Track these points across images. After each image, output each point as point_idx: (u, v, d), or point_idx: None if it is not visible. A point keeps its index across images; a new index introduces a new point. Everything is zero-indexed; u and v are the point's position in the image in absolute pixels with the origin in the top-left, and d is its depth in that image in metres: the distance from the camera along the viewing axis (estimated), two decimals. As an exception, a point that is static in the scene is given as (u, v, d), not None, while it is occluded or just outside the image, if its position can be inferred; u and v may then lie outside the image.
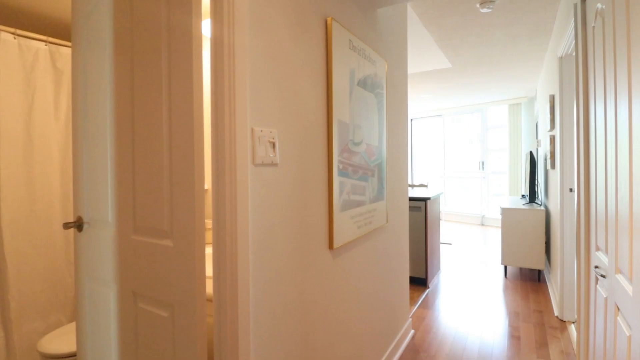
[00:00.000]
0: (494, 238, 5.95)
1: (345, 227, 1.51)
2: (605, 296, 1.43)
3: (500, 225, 7.15)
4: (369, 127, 1.76)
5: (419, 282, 3.54)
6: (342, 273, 1.51)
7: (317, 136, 1.32)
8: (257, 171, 1.03)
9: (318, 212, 1.33)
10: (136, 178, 1.11)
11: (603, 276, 1.43)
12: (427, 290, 3.37)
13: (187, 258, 0.98)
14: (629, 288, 1.12)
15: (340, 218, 1.46)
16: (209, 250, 1.81)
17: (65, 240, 2.01)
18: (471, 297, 3.24)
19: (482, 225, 7.35)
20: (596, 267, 1.56)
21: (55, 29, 2.16)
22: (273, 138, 1.09)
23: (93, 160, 1.27)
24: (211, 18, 0.97)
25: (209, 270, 1.48)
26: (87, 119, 1.31)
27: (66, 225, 1.24)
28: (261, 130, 1.04)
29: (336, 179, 1.42)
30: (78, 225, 1.30)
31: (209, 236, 1.97)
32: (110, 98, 1.21)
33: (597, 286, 1.57)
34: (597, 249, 1.60)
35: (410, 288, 3.42)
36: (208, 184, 2.01)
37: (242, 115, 0.97)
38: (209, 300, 1.20)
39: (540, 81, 4.77)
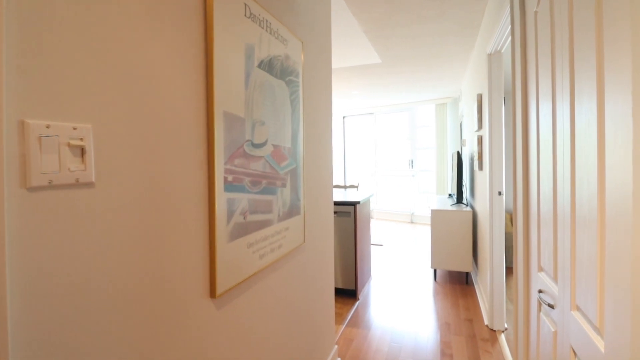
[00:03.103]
0: (423, 236, 5.98)
1: (239, 261, 1.09)
2: (553, 330, 1.20)
3: (428, 222, 7.29)
4: (277, 124, 1.36)
5: (349, 293, 3.26)
6: (233, 326, 1.09)
7: (184, 136, 0.88)
8: (38, 199, 0.56)
9: (188, 250, 0.90)
10: None
11: (551, 306, 1.20)
12: (357, 303, 3.09)
13: None
14: (597, 339, 0.87)
15: (230, 250, 1.04)
16: None
17: None
18: (402, 307, 3.03)
19: (412, 222, 7.44)
20: (540, 291, 1.35)
21: None
22: (82, 139, 0.63)
23: None
24: None
25: None
26: None
27: None
28: (48, 126, 0.58)
29: (221, 196, 1.00)
30: None
31: None
32: None
33: (542, 314, 1.36)
34: (540, 269, 1.39)
35: (339, 302, 3.12)
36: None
37: (-14, 94, 0.50)
38: None
39: (465, 81, 4.81)
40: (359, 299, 3.16)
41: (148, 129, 0.77)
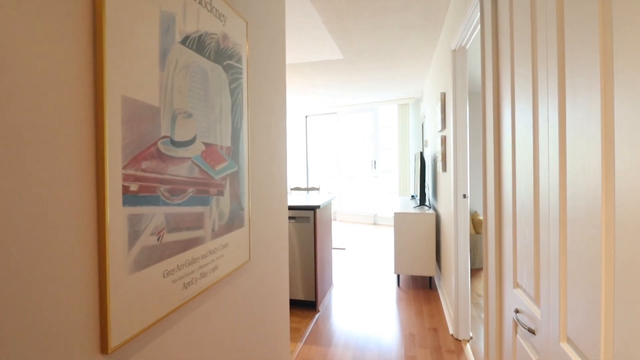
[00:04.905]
0: (387, 238, 5.89)
1: (150, 296, 0.82)
2: (535, 359, 1.04)
3: (391, 223, 7.24)
4: (211, 118, 1.09)
5: (308, 305, 3.03)
6: (144, 382, 0.82)
7: (50, 129, 0.61)
8: None
9: (62, 290, 0.62)
10: None
11: (531, 331, 1.04)
12: (317, 315, 2.87)
13: None
14: (601, 389, 0.70)
15: (134, 284, 0.77)
16: None
17: None
18: (365, 317, 2.85)
19: (375, 224, 7.36)
20: (517, 311, 1.19)
21: None
22: None
23: None
24: None
25: None
26: None
27: None
28: None
29: (118, 212, 0.73)
30: None
31: None
32: None
33: (518, 337, 1.20)
34: (516, 285, 1.23)
35: (298, 315, 2.88)
36: None
37: None
38: None
39: (427, 81, 4.75)
40: (319, 311, 2.94)
41: (-31, 115, 0.49)
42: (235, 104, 1.26)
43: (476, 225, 4.30)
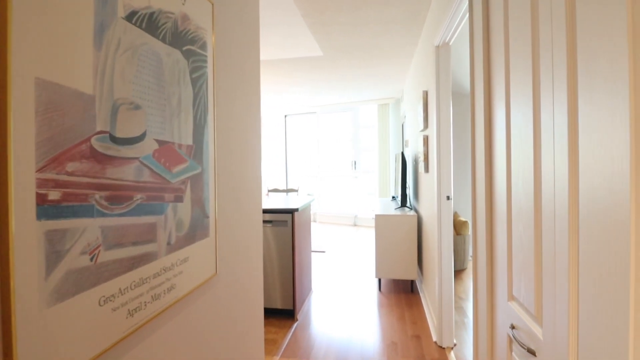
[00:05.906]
0: (367, 239, 5.80)
1: (81, 330, 0.65)
2: (535, 382, 0.94)
3: (372, 224, 7.16)
4: (167, 111, 0.93)
5: (286, 314, 2.87)
6: None
7: None
8: None
9: None
10: None
11: (531, 352, 0.93)
12: (295, 325, 2.72)
13: None
14: None
15: (58, 318, 0.60)
16: None
17: None
18: (346, 325, 2.72)
19: (355, 225, 7.27)
20: (513, 327, 1.08)
21: None
22: None
23: None
24: None
25: None
26: None
27: None
28: None
29: (30, 227, 0.56)
30: None
31: None
32: None
33: (514, 355, 1.10)
34: (512, 298, 1.13)
35: (275, 325, 2.72)
36: None
37: None
38: None
39: (408, 80, 4.68)
40: (297, 320, 2.79)
41: None
42: (198, 96, 1.09)
43: (457, 227, 4.25)
